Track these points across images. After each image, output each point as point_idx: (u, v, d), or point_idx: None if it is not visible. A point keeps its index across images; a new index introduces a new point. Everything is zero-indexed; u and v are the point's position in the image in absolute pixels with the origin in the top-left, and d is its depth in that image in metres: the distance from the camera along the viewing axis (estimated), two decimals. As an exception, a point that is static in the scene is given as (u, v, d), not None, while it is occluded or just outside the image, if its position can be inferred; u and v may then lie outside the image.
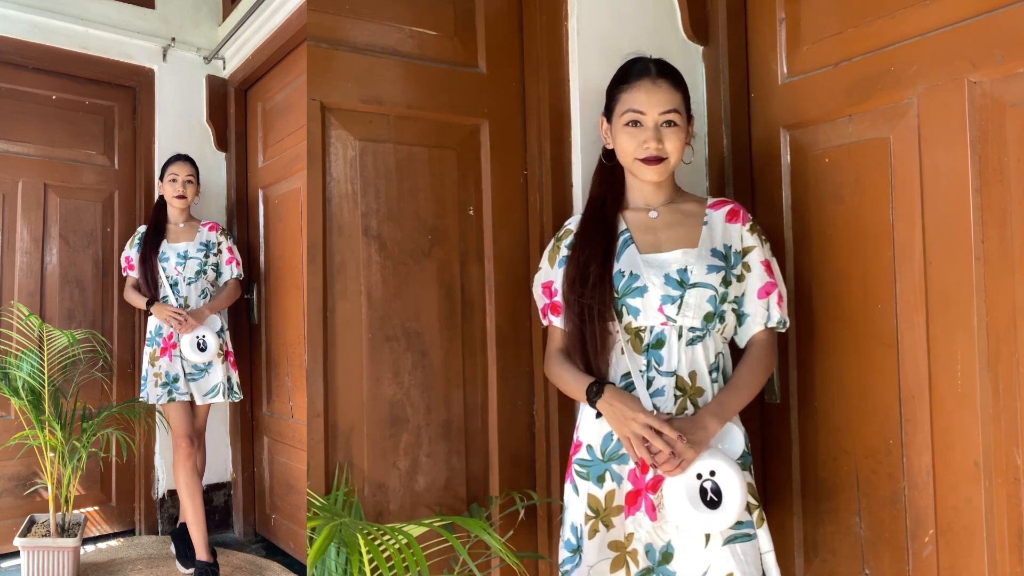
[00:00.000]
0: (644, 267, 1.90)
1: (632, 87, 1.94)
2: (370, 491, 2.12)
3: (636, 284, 1.89)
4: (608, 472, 1.88)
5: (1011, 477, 1.77)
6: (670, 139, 1.91)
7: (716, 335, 1.91)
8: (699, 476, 1.74)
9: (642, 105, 1.92)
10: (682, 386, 1.86)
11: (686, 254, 1.91)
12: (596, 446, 1.91)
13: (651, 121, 1.91)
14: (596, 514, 1.88)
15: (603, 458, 1.89)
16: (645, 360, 1.88)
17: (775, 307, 1.94)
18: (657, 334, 1.88)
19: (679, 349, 1.86)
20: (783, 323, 1.95)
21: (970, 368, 1.82)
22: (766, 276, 1.94)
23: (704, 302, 1.87)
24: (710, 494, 1.73)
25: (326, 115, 2.11)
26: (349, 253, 2.12)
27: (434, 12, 2.27)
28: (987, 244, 1.80)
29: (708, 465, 1.75)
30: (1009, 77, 1.76)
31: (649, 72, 1.95)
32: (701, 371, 1.87)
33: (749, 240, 1.95)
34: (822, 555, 2.18)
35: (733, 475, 1.74)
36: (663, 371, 1.86)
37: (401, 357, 2.17)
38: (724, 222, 1.96)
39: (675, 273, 1.88)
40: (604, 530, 1.87)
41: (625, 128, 1.94)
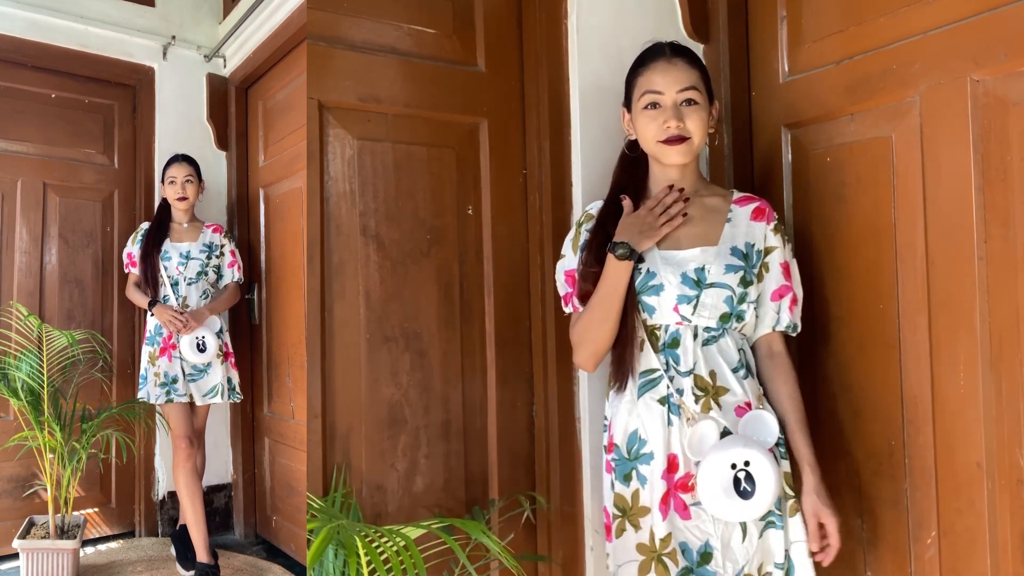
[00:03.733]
0: (662, 264, 1.88)
1: (648, 69, 1.93)
2: (368, 492, 2.11)
3: (652, 282, 1.87)
4: (634, 471, 1.87)
5: (1014, 478, 1.75)
6: (691, 118, 1.88)
7: (735, 333, 1.90)
8: (733, 466, 1.74)
9: (659, 85, 1.89)
10: (703, 386, 1.84)
11: (705, 252, 1.89)
12: (623, 445, 1.90)
13: (669, 100, 1.88)
14: (623, 513, 1.88)
15: (629, 457, 1.88)
16: (663, 359, 1.87)
17: (786, 311, 1.93)
18: (672, 333, 1.87)
19: (695, 349, 1.85)
20: (792, 327, 1.95)
21: (973, 369, 1.81)
22: (782, 279, 1.93)
23: (720, 302, 1.85)
24: (743, 484, 1.73)
25: (324, 114, 2.10)
26: (347, 253, 2.11)
27: (433, 10, 2.26)
28: (990, 244, 1.79)
29: (743, 455, 1.75)
30: (1012, 76, 1.75)
31: (664, 52, 1.93)
32: (722, 370, 1.85)
33: (772, 240, 1.93)
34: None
35: (767, 465, 1.74)
36: (681, 371, 1.85)
37: (400, 357, 2.16)
38: (749, 220, 1.94)
39: (692, 272, 1.86)
40: (631, 530, 1.86)
41: (644, 112, 1.91)
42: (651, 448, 1.85)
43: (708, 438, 1.80)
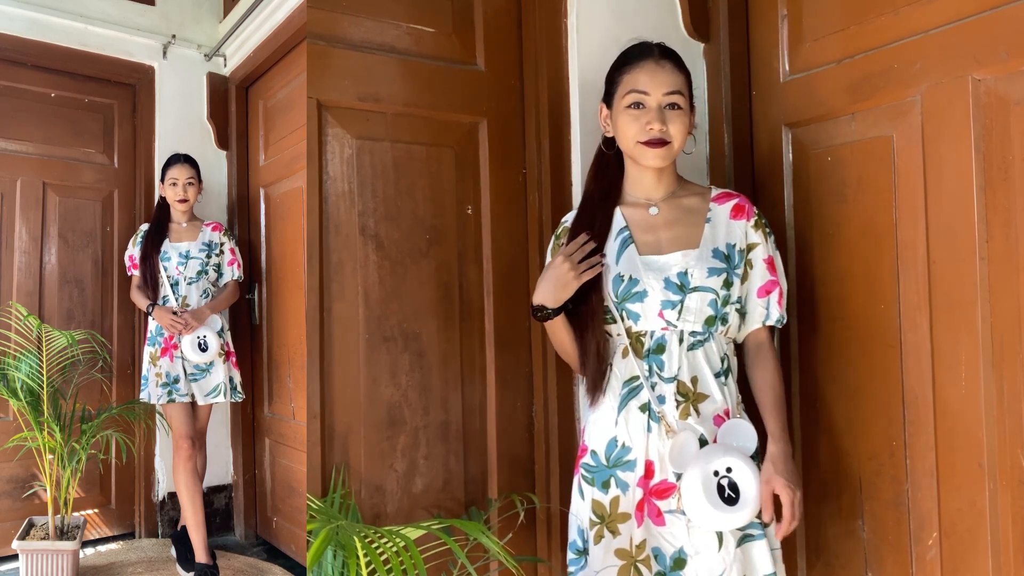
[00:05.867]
0: (644, 270, 1.87)
1: (635, 67, 1.90)
2: (367, 493, 2.10)
3: (636, 289, 1.86)
4: (613, 478, 1.86)
5: (1016, 479, 1.74)
6: (674, 122, 1.86)
7: (720, 337, 1.88)
8: (716, 473, 1.73)
9: (645, 85, 1.87)
10: (684, 392, 1.83)
11: (686, 256, 1.87)
12: (601, 452, 1.88)
13: (654, 102, 1.86)
14: (601, 520, 1.86)
15: (608, 464, 1.87)
16: (647, 365, 1.85)
17: (775, 305, 1.92)
18: (657, 339, 1.85)
19: (680, 354, 1.84)
20: (780, 320, 1.93)
21: (974, 369, 1.80)
22: (768, 274, 1.91)
23: (705, 306, 1.84)
24: (727, 491, 1.72)
25: (323, 113, 2.09)
26: (346, 253, 2.10)
27: (432, 9, 2.25)
28: (991, 244, 1.78)
29: (725, 462, 1.74)
30: (1014, 75, 1.74)
31: (652, 53, 1.91)
32: (704, 376, 1.84)
33: (753, 237, 1.92)
34: (825, 558, 2.16)
35: (749, 472, 1.73)
36: (665, 377, 1.84)
37: (399, 358, 2.15)
38: (729, 219, 1.92)
39: (675, 277, 1.85)
40: (610, 536, 1.85)
41: (627, 111, 1.89)
42: (635, 455, 1.84)
43: (688, 449, 1.79)
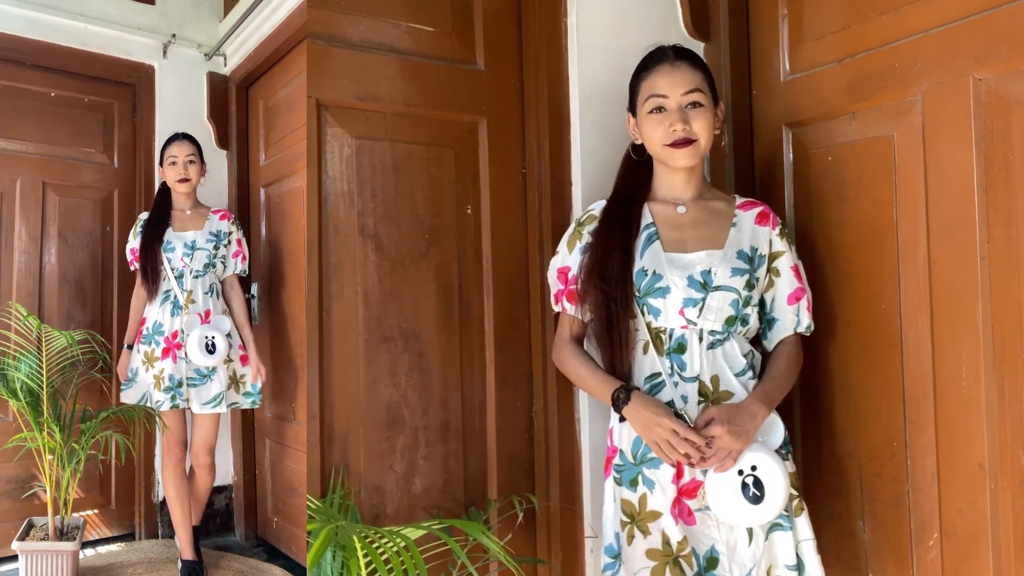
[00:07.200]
0: (668, 267, 1.87)
1: (652, 72, 1.93)
2: (367, 494, 2.10)
3: (659, 284, 1.87)
4: (640, 476, 1.86)
5: (1017, 479, 1.74)
6: (697, 120, 1.88)
7: (739, 336, 1.89)
8: (740, 472, 1.74)
9: (663, 88, 1.89)
10: (704, 392, 1.84)
11: (711, 255, 1.88)
12: (627, 450, 1.89)
13: (674, 103, 1.88)
14: (631, 519, 1.87)
15: (635, 462, 1.88)
16: (669, 363, 1.86)
17: (804, 312, 1.95)
18: (678, 338, 1.86)
19: (700, 353, 1.85)
20: (809, 327, 1.97)
21: (975, 369, 1.80)
22: (796, 282, 1.94)
23: (727, 305, 1.85)
24: (752, 489, 1.72)
25: (322, 112, 2.09)
26: (345, 252, 2.10)
27: (431, 8, 2.25)
28: (992, 244, 1.77)
29: (749, 460, 1.74)
30: (1014, 74, 1.74)
31: (667, 56, 1.93)
32: (725, 375, 1.85)
33: (779, 245, 1.94)
34: (825, 559, 2.13)
35: (775, 468, 1.73)
36: (686, 376, 1.84)
37: (398, 358, 2.15)
38: (753, 224, 1.94)
39: (699, 275, 1.86)
40: (640, 536, 1.85)
41: (650, 116, 1.91)
42: None
43: None
